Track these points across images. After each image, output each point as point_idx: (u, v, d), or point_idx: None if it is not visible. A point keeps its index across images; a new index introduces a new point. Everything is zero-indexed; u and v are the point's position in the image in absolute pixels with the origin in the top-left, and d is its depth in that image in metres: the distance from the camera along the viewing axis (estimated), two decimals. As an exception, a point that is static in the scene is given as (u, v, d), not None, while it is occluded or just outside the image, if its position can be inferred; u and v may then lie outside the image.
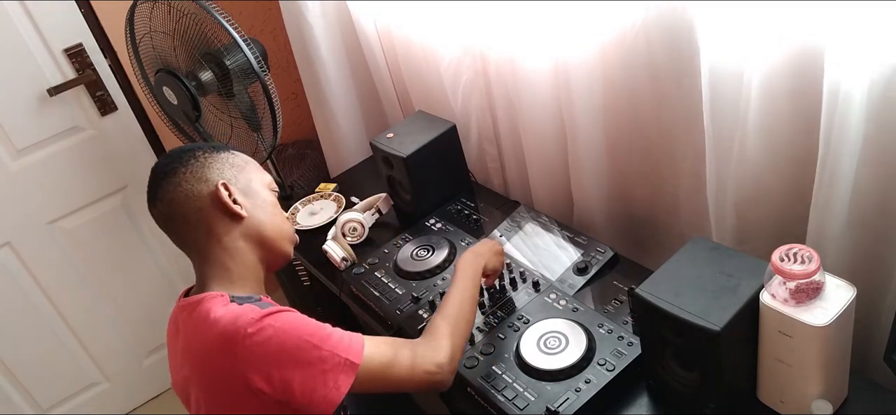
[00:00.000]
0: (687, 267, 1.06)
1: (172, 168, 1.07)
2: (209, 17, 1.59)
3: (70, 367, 2.32)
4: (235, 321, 0.96)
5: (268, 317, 0.97)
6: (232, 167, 1.11)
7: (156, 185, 1.08)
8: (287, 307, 1.01)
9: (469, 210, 1.68)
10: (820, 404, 0.97)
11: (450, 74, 1.71)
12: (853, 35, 0.92)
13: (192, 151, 1.10)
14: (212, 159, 1.09)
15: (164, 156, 1.11)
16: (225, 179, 1.08)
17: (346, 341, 1.01)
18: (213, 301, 1.01)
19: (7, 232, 2.06)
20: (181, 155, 1.09)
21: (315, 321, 1.01)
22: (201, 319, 1.01)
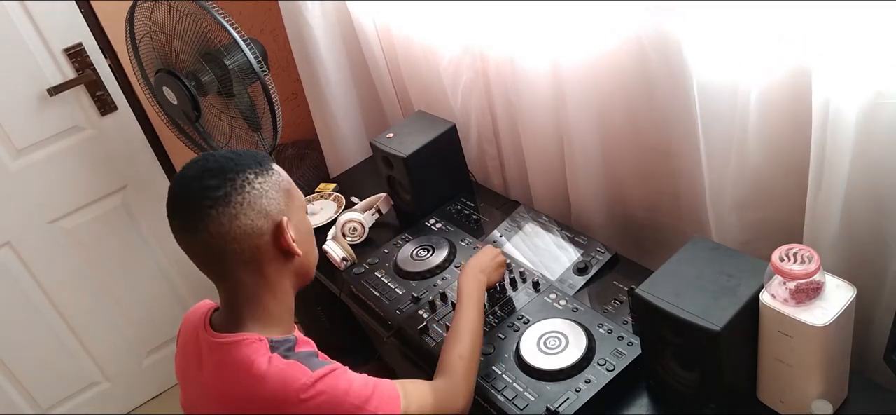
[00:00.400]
0: (687, 267, 1.07)
1: (224, 195, 0.92)
2: (209, 17, 1.59)
3: (70, 367, 2.32)
4: (287, 384, 0.92)
5: (320, 381, 0.93)
6: (285, 196, 0.98)
7: (197, 211, 0.92)
8: (334, 364, 0.98)
9: (469, 210, 1.68)
10: (820, 404, 0.97)
11: (449, 74, 1.71)
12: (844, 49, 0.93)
13: (240, 170, 0.94)
14: (266, 185, 0.95)
15: (199, 171, 0.94)
16: (285, 214, 0.97)
17: (387, 396, 0.99)
18: (253, 348, 0.95)
19: (7, 232, 2.06)
20: (228, 175, 0.93)
21: (359, 378, 0.98)
22: (242, 368, 0.94)
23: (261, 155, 0.99)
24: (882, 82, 0.93)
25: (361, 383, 0.97)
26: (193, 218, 0.93)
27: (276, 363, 0.93)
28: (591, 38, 1.32)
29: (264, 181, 0.96)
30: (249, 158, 0.97)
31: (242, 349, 0.94)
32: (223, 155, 0.96)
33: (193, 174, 0.94)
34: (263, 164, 0.98)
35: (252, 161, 0.96)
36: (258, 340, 0.95)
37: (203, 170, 0.94)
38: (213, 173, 0.93)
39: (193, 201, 0.93)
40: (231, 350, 0.95)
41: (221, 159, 0.95)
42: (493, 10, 1.50)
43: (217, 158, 0.96)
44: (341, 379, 0.95)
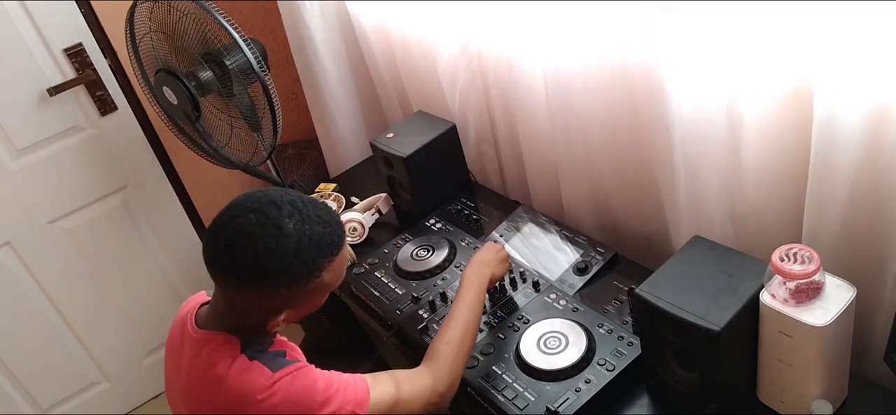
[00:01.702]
0: (687, 267, 1.07)
1: (247, 281, 0.94)
2: (209, 17, 1.59)
3: (70, 367, 2.32)
4: (244, 386, 0.95)
5: (278, 382, 0.95)
6: (304, 295, 0.99)
7: (220, 269, 0.96)
8: (297, 363, 0.99)
9: (469, 210, 1.68)
10: (820, 404, 0.97)
11: (447, 75, 1.71)
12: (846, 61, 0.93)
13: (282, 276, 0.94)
14: (290, 291, 0.96)
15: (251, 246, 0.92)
16: (291, 310, 1.00)
17: (351, 393, 1.01)
18: (221, 350, 0.98)
19: (7, 232, 2.06)
20: (270, 275, 0.93)
21: (323, 375, 1.00)
22: (206, 367, 0.98)
23: (322, 255, 0.96)
24: (885, 92, 0.93)
25: (324, 382, 0.99)
26: (216, 268, 0.96)
27: (238, 365, 0.97)
28: (581, 49, 1.32)
29: (296, 289, 0.96)
30: (304, 260, 0.94)
31: (211, 348, 0.99)
32: (286, 243, 0.93)
33: (245, 236, 0.93)
34: (312, 271, 0.95)
35: (301, 267, 0.94)
36: (229, 340, 0.99)
37: (253, 247, 0.92)
38: (257, 261, 0.92)
39: (223, 264, 0.95)
40: (203, 347, 1.00)
41: (276, 250, 0.92)
42: (490, 11, 1.50)
43: (277, 244, 0.92)
44: (300, 378, 0.97)
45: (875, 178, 1.00)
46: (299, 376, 0.98)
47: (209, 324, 1.03)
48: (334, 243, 0.98)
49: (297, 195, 0.98)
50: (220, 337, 1.00)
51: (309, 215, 0.96)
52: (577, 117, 1.42)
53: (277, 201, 0.95)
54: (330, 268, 0.98)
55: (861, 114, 0.96)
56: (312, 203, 0.98)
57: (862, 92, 0.94)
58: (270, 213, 0.93)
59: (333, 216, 1.00)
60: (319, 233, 0.95)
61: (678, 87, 1.17)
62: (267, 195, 0.96)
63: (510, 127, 1.70)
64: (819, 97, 0.97)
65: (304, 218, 0.95)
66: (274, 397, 0.95)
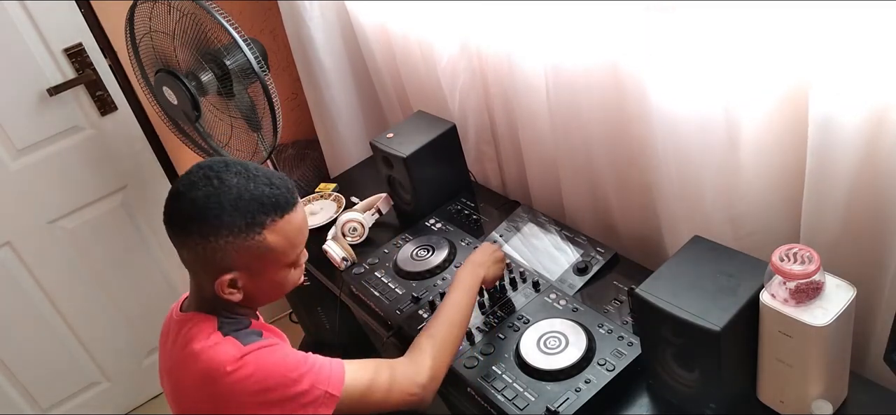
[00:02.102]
0: (687, 267, 1.07)
1: (188, 229, 0.97)
2: (209, 17, 1.59)
3: (70, 367, 2.32)
4: (215, 360, 0.98)
5: (248, 355, 0.97)
6: (255, 257, 0.99)
7: (178, 231, 0.99)
8: (271, 340, 1.02)
9: (469, 210, 1.68)
10: (820, 404, 0.97)
11: (447, 75, 1.71)
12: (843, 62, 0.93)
13: (219, 227, 0.96)
14: (234, 246, 0.97)
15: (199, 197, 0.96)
16: (239, 272, 1.00)
17: (325, 373, 1.02)
18: (198, 328, 1.02)
19: (7, 232, 2.06)
20: (209, 223, 0.96)
21: (297, 354, 1.02)
22: (183, 345, 1.02)
23: (263, 212, 0.98)
24: (883, 93, 0.93)
25: (297, 359, 1.00)
26: (165, 219, 1.02)
27: (212, 340, 1.00)
28: (581, 48, 1.32)
29: (234, 243, 0.97)
30: (242, 213, 0.96)
31: (189, 327, 1.02)
32: (225, 194, 0.96)
33: (189, 186, 0.98)
34: (251, 226, 0.97)
35: (238, 218, 0.96)
36: (207, 319, 1.02)
37: (193, 194, 0.97)
38: (195, 207, 0.96)
39: (167, 211, 1.00)
40: (182, 326, 1.04)
41: (213, 198, 0.96)
42: (490, 10, 1.50)
43: (216, 193, 0.96)
44: (271, 354, 0.99)
45: (873, 178, 1.00)
46: (270, 351, 0.99)
47: (189, 306, 1.08)
48: (278, 205, 0.99)
49: (256, 164, 1.02)
50: (197, 316, 1.04)
51: (256, 176, 0.99)
52: (577, 117, 1.42)
53: (229, 162, 1.00)
54: (273, 229, 0.99)
55: (858, 114, 0.95)
56: (266, 170, 1.01)
57: (859, 92, 0.94)
58: (217, 167, 0.98)
59: (285, 184, 1.02)
60: (264, 192, 0.98)
61: (677, 87, 1.17)
62: (224, 158, 1.01)
63: (510, 127, 1.70)
64: (815, 97, 0.97)
65: (251, 178, 0.98)
66: (243, 370, 0.96)
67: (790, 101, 1.06)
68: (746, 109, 1.09)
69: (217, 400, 0.97)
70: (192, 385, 1.01)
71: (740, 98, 1.09)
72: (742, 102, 1.09)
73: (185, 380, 1.02)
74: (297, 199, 1.04)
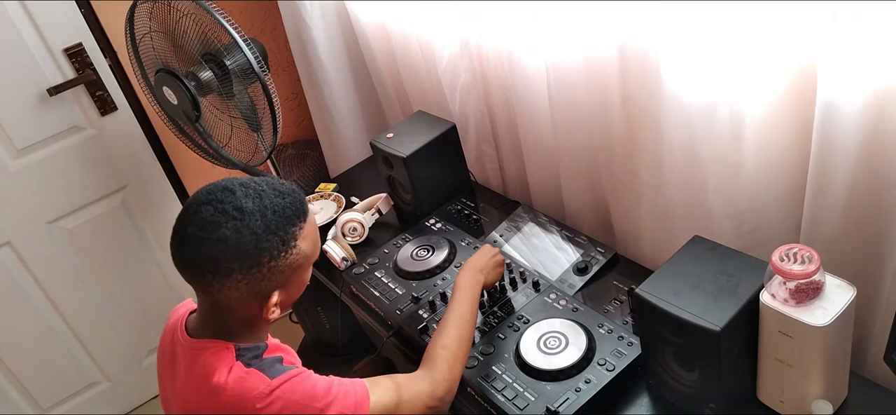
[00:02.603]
0: (687, 267, 1.07)
1: (228, 272, 0.91)
2: (209, 17, 1.59)
3: (70, 367, 2.32)
4: (243, 395, 0.94)
5: (277, 389, 0.94)
6: (291, 271, 0.98)
7: (195, 268, 0.93)
8: (294, 369, 0.99)
9: (469, 210, 1.68)
10: (820, 404, 0.97)
11: (448, 75, 1.71)
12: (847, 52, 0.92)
13: (259, 253, 0.92)
14: (277, 269, 0.95)
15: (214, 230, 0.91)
16: (280, 288, 0.98)
17: (351, 399, 0.99)
18: (217, 357, 0.97)
19: (7, 232, 2.06)
20: (245, 257, 0.91)
21: (321, 380, 0.99)
22: (202, 377, 0.97)
23: (291, 224, 0.95)
24: (886, 80, 0.93)
25: (324, 387, 0.97)
26: (190, 269, 0.94)
27: (236, 373, 0.95)
28: (581, 45, 1.32)
29: (277, 265, 0.94)
30: (275, 232, 0.93)
31: (207, 356, 0.97)
32: (251, 221, 0.92)
33: (209, 227, 0.91)
34: (286, 242, 0.94)
35: (275, 240, 0.93)
36: (224, 347, 0.98)
37: (219, 233, 0.90)
38: (228, 247, 0.90)
39: (194, 261, 0.93)
40: (198, 355, 0.98)
41: (244, 230, 0.91)
42: (490, 10, 1.50)
43: (243, 224, 0.91)
44: (299, 385, 0.96)
45: (874, 177, 1.00)
46: (298, 382, 0.97)
47: (200, 332, 1.02)
48: (298, 210, 0.97)
49: (248, 177, 0.98)
50: (214, 345, 0.98)
51: (264, 191, 0.95)
52: (578, 115, 1.42)
53: (229, 187, 0.94)
54: (303, 236, 0.97)
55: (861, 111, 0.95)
56: (264, 179, 0.98)
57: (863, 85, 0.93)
58: (226, 199, 0.92)
59: (288, 187, 1.00)
60: (281, 203, 0.95)
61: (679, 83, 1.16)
62: (216, 185, 0.95)
63: (511, 127, 1.70)
64: (822, 83, 0.96)
65: (261, 194, 0.95)
66: (273, 405, 0.93)
67: (795, 92, 1.05)
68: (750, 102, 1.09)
69: None
70: None
71: (744, 91, 1.08)
72: (746, 95, 1.08)
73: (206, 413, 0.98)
74: (303, 197, 1.03)
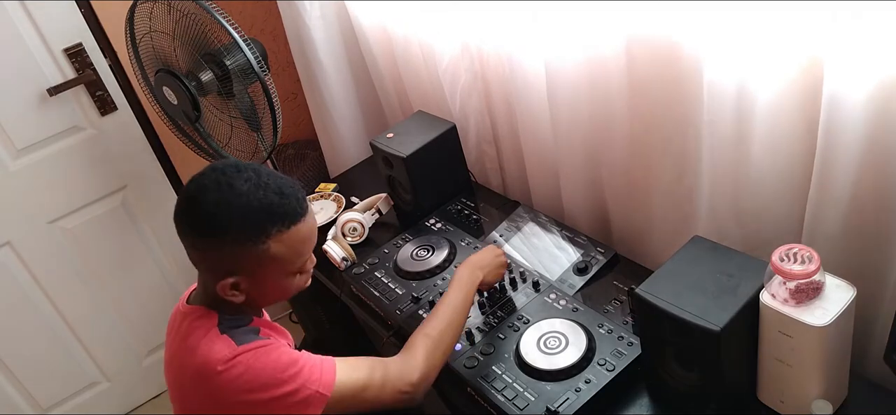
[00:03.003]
0: (687, 267, 1.06)
1: (199, 231, 0.99)
2: (209, 17, 1.59)
3: (70, 367, 2.32)
4: (209, 357, 0.99)
5: (240, 355, 0.99)
6: (257, 262, 1.01)
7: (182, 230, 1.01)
8: (266, 340, 1.03)
9: (469, 210, 1.68)
10: (820, 404, 0.97)
11: (448, 76, 1.71)
12: (853, 47, 0.92)
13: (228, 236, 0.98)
14: (241, 252, 0.99)
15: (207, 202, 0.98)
16: (242, 276, 1.01)
17: (316, 373, 1.02)
18: (199, 322, 1.04)
19: (7, 232, 2.06)
20: (217, 232, 0.98)
21: (290, 353, 1.02)
22: (183, 338, 1.04)
23: (270, 222, 0.99)
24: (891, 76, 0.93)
25: (290, 359, 1.01)
26: (176, 220, 1.03)
27: (209, 337, 1.01)
28: (584, 38, 1.31)
29: (240, 251, 0.99)
30: (251, 221, 0.98)
31: (191, 320, 1.04)
32: (235, 200, 0.97)
33: (202, 189, 0.99)
34: (257, 234, 0.98)
35: (247, 227, 0.98)
36: (206, 314, 1.04)
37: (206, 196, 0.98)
38: (206, 211, 0.98)
39: (180, 212, 1.01)
40: (184, 319, 1.06)
41: (223, 204, 0.97)
42: (490, 11, 1.49)
43: (227, 200, 0.97)
44: (264, 354, 1.00)
45: (876, 178, 1.00)
46: (263, 351, 1.00)
47: (194, 300, 1.10)
48: (286, 215, 1.00)
49: (269, 169, 1.03)
50: (199, 310, 1.05)
51: (267, 185, 0.99)
52: (578, 115, 1.42)
53: (240, 166, 1.01)
54: (279, 239, 1.00)
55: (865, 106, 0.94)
56: (278, 177, 1.02)
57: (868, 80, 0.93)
58: (229, 172, 0.99)
59: (295, 193, 1.02)
60: (273, 201, 0.99)
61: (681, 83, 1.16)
62: (237, 162, 1.03)
63: (511, 127, 1.70)
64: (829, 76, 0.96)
65: (261, 186, 0.99)
66: (233, 370, 0.98)
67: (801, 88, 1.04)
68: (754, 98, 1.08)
69: (208, 397, 1.00)
70: (187, 380, 1.04)
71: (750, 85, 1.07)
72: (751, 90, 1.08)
73: (183, 374, 1.05)
74: (307, 208, 1.04)
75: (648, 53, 1.21)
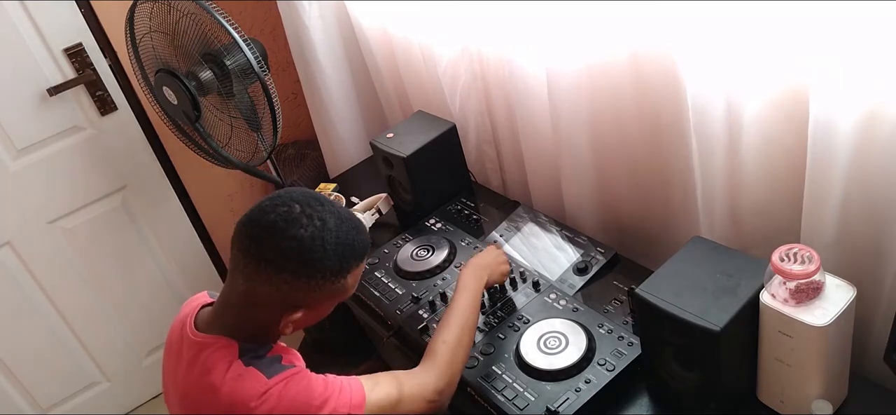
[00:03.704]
0: (687, 267, 1.07)
1: (283, 266, 0.94)
2: (209, 17, 1.59)
3: (70, 367, 2.32)
4: (238, 395, 0.95)
5: (272, 388, 0.96)
6: (322, 296, 0.99)
7: (249, 258, 0.96)
8: (292, 369, 1.00)
9: (469, 210, 1.68)
10: (820, 404, 0.97)
11: (448, 76, 1.71)
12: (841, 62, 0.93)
13: (313, 272, 0.95)
14: (314, 288, 0.97)
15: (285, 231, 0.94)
16: (307, 310, 1.00)
17: (346, 397, 1.00)
18: (218, 355, 0.98)
19: (7, 232, 2.06)
20: (302, 267, 0.95)
21: (318, 379, 1.00)
22: (202, 374, 0.98)
23: (353, 257, 0.99)
24: (879, 93, 0.93)
25: (320, 386, 0.99)
26: (253, 251, 0.96)
27: (234, 372, 0.97)
28: (585, 45, 1.32)
29: (323, 285, 0.97)
30: (339, 257, 0.96)
31: (210, 353, 0.99)
32: (327, 235, 0.96)
33: (292, 222, 0.95)
34: (342, 270, 0.98)
35: (335, 263, 0.96)
36: (228, 345, 0.99)
37: (297, 232, 0.94)
38: (298, 246, 0.94)
39: (262, 245, 0.95)
40: (200, 352, 1.00)
41: (317, 239, 0.95)
42: (490, 12, 1.49)
43: (320, 235, 0.95)
44: (295, 383, 0.97)
45: (872, 177, 1.00)
46: (293, 381, 0.98)
47: (210, 327, 1.02)
48: (363, 251, 1.02)
49: (336, 203, 1.02)
50: (218, 342, 0.99)
51: (346, 219, 1.00)
52: (578, 116, 1.42)
53: (321, 199, 1.00)
54: (354, 273, 1.01)
55: (855, 114, 0.96)
56: (346, 211, 1.02)
57: (857, 92, 0.94)
58: (316, 207, 0.97)
59: (363, 226, 1.04)
60: (354, 237, 1.00)
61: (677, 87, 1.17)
62: (309, 192, 1.01)
63: (511, 127, 1.70)
64: (815, 97, 0.97)
65: (343, 220, 0.99)
66: (267, 403, 0.95)
67: (790, 100, 1.06)
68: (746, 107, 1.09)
69: None
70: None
71: (740, 96, 1.09)
72: (742, 101, 1.09)
73: (202, 409, 0.99)
74: None
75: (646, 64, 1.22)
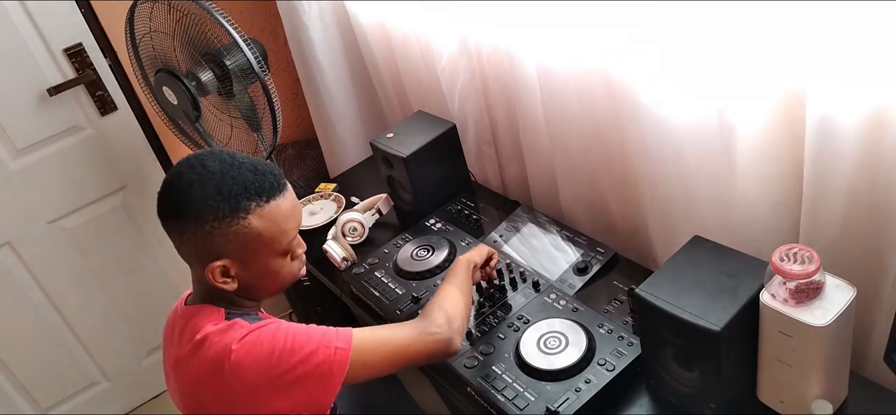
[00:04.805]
0: (687, 267, 1.07)
1: (178, 215, 0.99)
2: (209, 17, 1.59)
3: (70, 367, 2.32)
4: (222, 340, 0.98)
5: (253, 331, 0.99)
6: (242, 244, 1.00)
7: (162, 212, 1.01)
8: (280, 319, 1.04)
9: (469, 210, 1.68)
10: (820, 404, 0.97)
11: (447, 75, 1.71)
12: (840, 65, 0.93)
13: (207, 214, 0.97)
14: (222, 232, 0.98)
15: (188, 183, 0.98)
16: (230, 259, 1.00)
17: (332, 333, 1.03)
18: (205, 317, 1.02)
19: (7, 232, 2.06)
20: (197, 211, 0.97)
21: (303, 328, 1.03)
22: (191, 334, 1.02)
23: (246, 197, 0.98)
24: (880, 95, 0.93)
25: (303, 331, 1.02)
26: (159, 211, 1.02)
27: (220, 327, 1.00)
28: (571, 50, 1.33)
29: (220, 228, 0.97)
30: (226, 198, 0.97)
31: (198, 319, 1.03)
32: (208, 180, 0.98)
33: (176, 176, 1.00)
34: (235, 210, 0.98)
35: (223, 204, 0.97)
36: (214, 310, 1.03)
37: (181, 182, 0.99)
38: (182, 195, 0.98)
39: (160, 203, 1.01)
40: (190, 318, 1.04)
41: (196, 186, 0.98)
42: (490, 10, 1.49)
43: (200, 181, 0.98)
44: (278, 327, 1.01)
45: (873, 178, 1.00)
46: (278, 325, 1.01)
47: (195, 300, 1.08)
48: (262, 190, 1.00)
49: (244, 154, 1.04)
50: (205, 308, 1.04)
51: (241, 164, 1.00)
52: (571, 119, 1.42)
53: (216, 151, 1.02)
54: (260, 214, 0.99)
55: (857, 115, 0.95)
56: (253, 158, 1.03)
57: (857, 93, 0.94)
58: (202, 156, 1.01)
59: (271, 169, 1.02)
60: (247, 178, 0.99)
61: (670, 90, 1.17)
62: (211, 148, 1.04)
63: (510, 127, 1.70)
64: (813, 99, 0.97)
65: (236, 165, 1.00)
66: (247, 342, 0.97)
67: (786, 104, 1.05)
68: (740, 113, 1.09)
69: (225, 386, 0.97)
70: (199, 374, 1.00)
71: (734, 102, 1.08)
72: (736, 106, 1.09)
73: (193, 370, 1.01)
74: (285, 184, 1.04)
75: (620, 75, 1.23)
